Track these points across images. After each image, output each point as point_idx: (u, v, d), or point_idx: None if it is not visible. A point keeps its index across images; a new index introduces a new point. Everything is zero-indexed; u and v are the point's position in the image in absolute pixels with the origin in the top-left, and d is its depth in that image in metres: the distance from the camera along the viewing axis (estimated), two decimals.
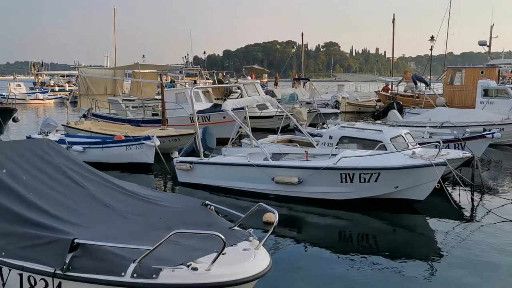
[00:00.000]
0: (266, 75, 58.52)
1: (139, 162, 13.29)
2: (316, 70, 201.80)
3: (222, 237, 3.97)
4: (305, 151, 10.76)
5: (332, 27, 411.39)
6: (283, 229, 8.00)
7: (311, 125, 19.13)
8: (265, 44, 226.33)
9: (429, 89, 28.54)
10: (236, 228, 5.13)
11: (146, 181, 12.01)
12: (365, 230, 8.41)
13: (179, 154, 11.73)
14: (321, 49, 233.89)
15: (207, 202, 5.71)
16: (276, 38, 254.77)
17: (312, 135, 13.08)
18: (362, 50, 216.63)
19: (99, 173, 6.24)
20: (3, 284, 4.58)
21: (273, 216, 4.88)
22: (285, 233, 7.95)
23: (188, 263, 4.06)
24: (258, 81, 33.43)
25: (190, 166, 11.09)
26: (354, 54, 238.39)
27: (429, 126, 15.68)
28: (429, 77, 38.73)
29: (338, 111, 26.66)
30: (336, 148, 10.87)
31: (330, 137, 11.56)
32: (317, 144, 11.89)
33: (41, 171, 5.71)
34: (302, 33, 52.21)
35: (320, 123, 17.30)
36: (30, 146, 6.14)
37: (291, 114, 15.01)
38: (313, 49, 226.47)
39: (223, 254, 4.05)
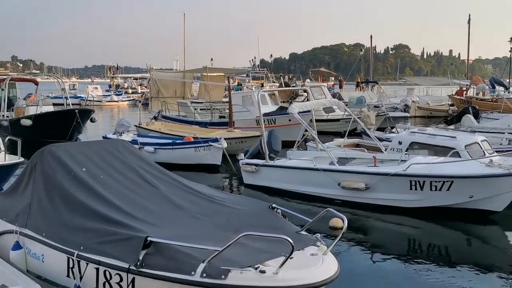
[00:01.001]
0: (333, 78, 57.79)
1: (207, 164, 13.60)
2: (385, 73, 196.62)
3: (291, 241, 3.96)
4: (373, 156, 10.51)
5: (402, 29, 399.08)
6: (350, 235, 7.84)
7: (379, 129, 18.64)
8: (332, 47, 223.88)
9: (508, 92, 26.91)
10: (303, 232, 5.11)
11: (213, 182, 12.25)
12: (435, 240, 8.06)
13: (245, 156, 11.86)
14: (390, 52, 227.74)
15: (274, 205, 5.72)
16: (343, 41, 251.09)
17: (380, 139, 12.74)
18: (434, 52, 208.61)
19: (170, 174, 6.46)
20: (81, 277, 4.85)
21: (340, 221, 4.81)
22: (352, 240, 7.79)
23: (256, 266, 4.09)
24: (325, 84, 33.14)
25: (255, 169, 11.19)
26: (425, 56, 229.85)
27: (508, 133, 14.76)
28: (508, 80, 36.51)
29: (407, 115, 25.81)
30: (405, 154, 10.51)
31: (400, 143, 11.21)
32: (385, 149, 11.57)
33: (116, 170, 6.00)
34: (371, 36, 51.16)
35: (389, 128, 16.82)
36: (107, 146, 6.47)
37: (358, 118, 14.73)
38: (382, 52, 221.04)
39: (290, 258, 4.04)
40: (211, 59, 43.52)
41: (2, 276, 4.89)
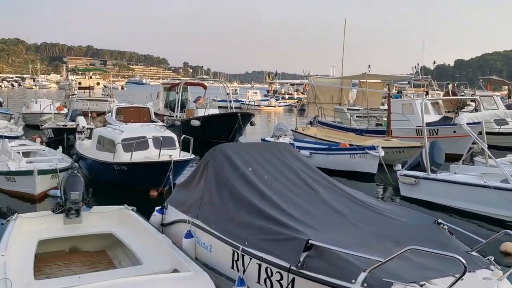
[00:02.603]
0: (507, 87, 52.13)
1: (362, 171, 13.36)
2: None
3: (463, 261, 3.66)
4: None
5: None
6: None
7: None
8: (506, 53, 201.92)
9: None
10: (474, 253, 4.68)
11: (368, 191, 11.93)
12: None
13: (403, 167, 11.37)
14: None
15: (439, 220, 5.36)
16: None
17: None
18: None
19: (329, 179, 6.48)
20: (244, 270, 5.12)
21: None
22: None
23: (421, 283, 3.86)
24: (497, 93, 30.05)
25: (415, 181, 10.64)
26: None
27: None
28: None
29: None
30: None
31: None
32: None
33: (279, 172, 6.23)
34: None
35: None
36: (271, 148, 6.77)
37: None
38: None
39: (461, 279, 3.73)
40: (369, 66, 42.48)
41: (175, 261, 5.42)
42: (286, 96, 59.21)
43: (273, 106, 49.12)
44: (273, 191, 5.71)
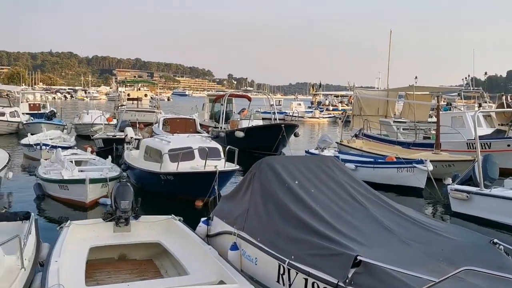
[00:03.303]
0: None
1: (409, 186, 13.01)
2: None
3: None
4: None
5: None
6: None
7: None
8: None
9: None
10: None
11: (416, 206, 11.60)
12: None
13: (453, 181, 10.99)
14: None
15: (495, 240, 5.11)
16: None
17: None
18: None
19: (378, 194, 6.34)
20: (289, 285, 5.07)
21: None
22: None
23: None
24: None
25: (467, 196, 10.25)
26: None
27: None
28: None
29: None
30: None
31: None
32: None
33: (326, 186, 6.16)
34: None
35: None
36: (317, 161, 6.70)
37: None
38: None
39: None
40: (415, 77, 41.42)
41: (221, 272, 5.44)
42: (331, 108, 58.72)
43: (317, 118, 48.80)
44: (320, 205, 5.65)
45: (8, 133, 26.59)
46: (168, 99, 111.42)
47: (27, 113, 31.42)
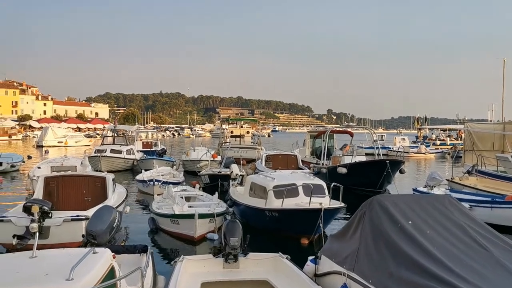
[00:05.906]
0: None
1: None
2: None
3: None
4: None
5: None
6: None
7: None
8: None
9: None
10: None
11: None
12: None
13: None
14: None
15: None
16: None
17: None
18: None
19: (502, 236, 5.81)
20: None
21: None
22: None
23: None
24: None
25: None
26: None
27: None
28: None
29: None
30: None
31: None
32: None
33: (443, 227, 5.77)
34: None
35: None
36: (432, 201, 6.33)
37: None
38: None
39: None
40: None
41: None
42: (438, 142, 55.81)
43: (424, 153, 46.49)
44: (437, 248, 5.29)
45: (124, 169, 28.80)
46: (268, 135, 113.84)
47: (140, 151, 33.89)
